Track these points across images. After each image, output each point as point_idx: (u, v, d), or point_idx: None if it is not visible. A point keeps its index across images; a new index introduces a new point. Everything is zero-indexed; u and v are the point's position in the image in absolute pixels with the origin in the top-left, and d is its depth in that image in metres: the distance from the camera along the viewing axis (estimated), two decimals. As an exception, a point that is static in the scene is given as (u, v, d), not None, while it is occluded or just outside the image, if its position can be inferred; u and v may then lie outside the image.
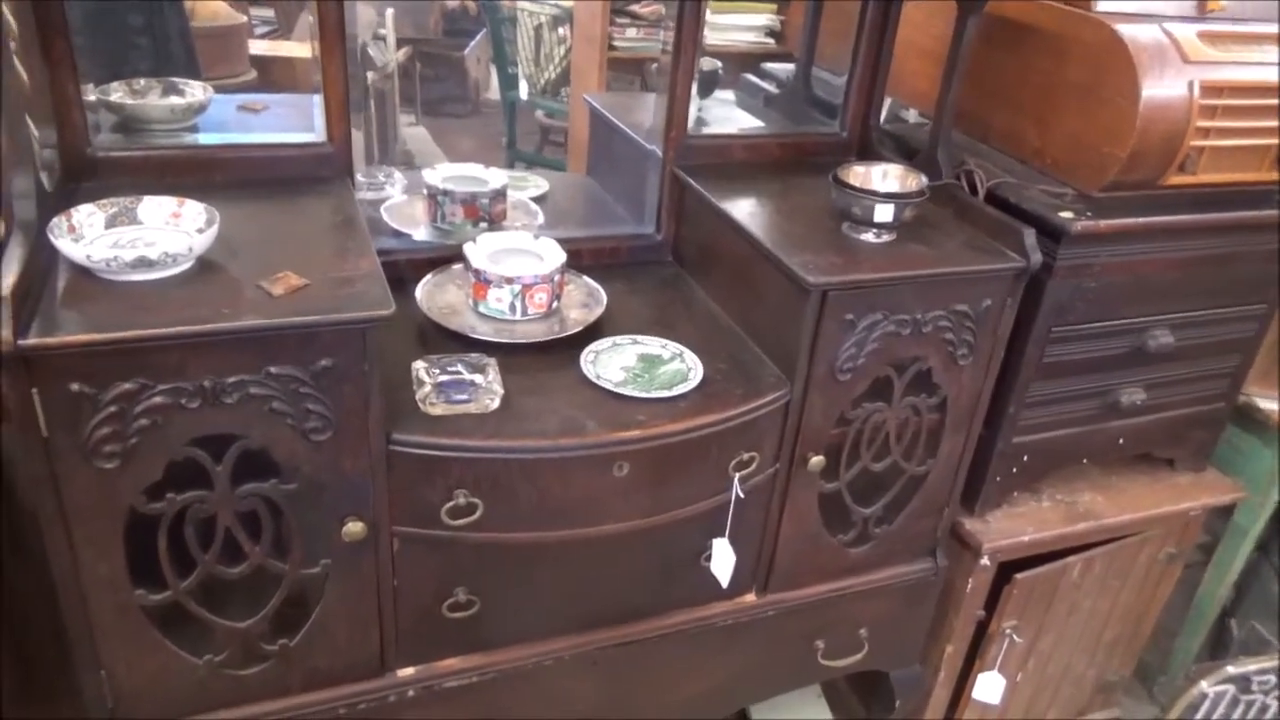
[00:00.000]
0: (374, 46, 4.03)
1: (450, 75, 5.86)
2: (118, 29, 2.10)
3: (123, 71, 2.05)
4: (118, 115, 1.61)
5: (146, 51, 2.15)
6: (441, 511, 1.28)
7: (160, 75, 2.20)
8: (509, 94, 4.62)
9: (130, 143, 1.49)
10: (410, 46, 4.78)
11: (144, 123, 1.61)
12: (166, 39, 2.20)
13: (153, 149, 1.47)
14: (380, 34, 4.26)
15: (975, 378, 1.59)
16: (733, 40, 3.66)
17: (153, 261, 1.13)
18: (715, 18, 3.81)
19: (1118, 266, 1.60)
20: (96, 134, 1.49)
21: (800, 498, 1.56)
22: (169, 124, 1.62)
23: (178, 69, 2.25)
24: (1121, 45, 1.42)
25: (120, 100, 1.61)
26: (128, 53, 2.11)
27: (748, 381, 1.45)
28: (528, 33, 4.54)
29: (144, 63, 2.13)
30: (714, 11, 3.85)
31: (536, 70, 4.58)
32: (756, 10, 3.58)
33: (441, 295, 1.55)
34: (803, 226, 1.55)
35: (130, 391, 1.08)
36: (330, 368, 1.16)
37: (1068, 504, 1.88)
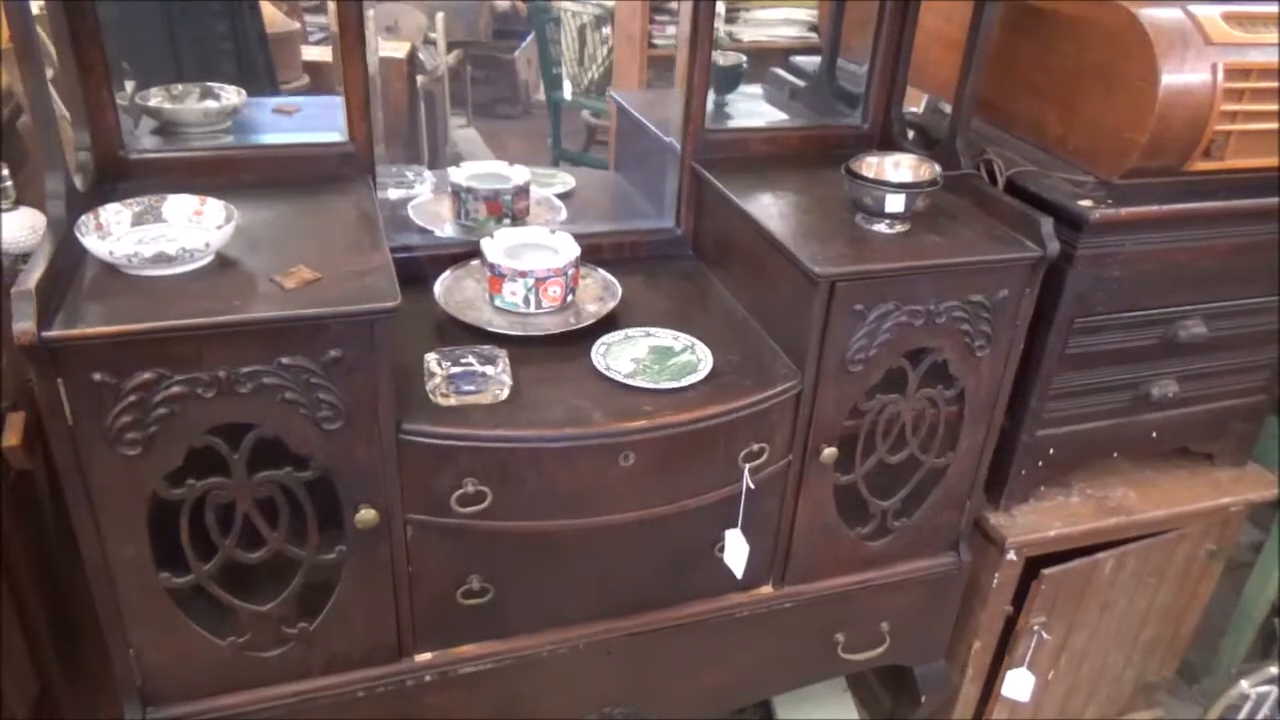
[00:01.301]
0: (424, 50, 4.10)
1: (501, 77, 5.93)
2: (205, 36, 2.19)
3: (208, 76, 2.15)
4: (156, 119, 1.68)
5: (230, 56, 2.24)
6: (451, 500, 1.31)
7: (242, 79, 2.29)
8: (553, 94, 4.67)
9: (164, 145, 1.56)
10: (461, 49, 4.85)
11: (181, 126, 1.67)
12: (248, 44, 2.28)
13: (183, 150, 1.53)
14: (431, 37, 4.33)
15: (994, 369, 1.57)
16: (776, 35, 3.65)
17: (171, 257, 1.18)
18: (758, 13, 3.80)
19: (1144, 255, 1.57)
20: (137, 137, 1.57)
21: (815, 489, 1.56)
22: (204, 127, 1.68)
23: (258, 73, 2.34)
24: (1140, 28, 1.39)
25: (159, 105, 1.68)
26: (215, 58, 2.21)
27: (758, 373, 1.46)
28: (571, 33, 4.58)
29: (228, 67, 2.22)
30: (757, 7, 3.85)
31: (580, 70, 4.62)
32: (799, 4, 3.57)
33: (460, 290, 1.59)
34: (817, 218, 1.55)
35: (149, 381, 1.13)
36: (340, 359, 1.20)
37: (1098, 499, 1.84)
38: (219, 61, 2.26)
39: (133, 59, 2.12)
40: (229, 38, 2.26)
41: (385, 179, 1.92)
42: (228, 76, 2.27)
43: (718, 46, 1.76)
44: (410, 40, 3.81)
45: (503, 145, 5.15)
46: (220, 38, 2.24)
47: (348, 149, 1.56)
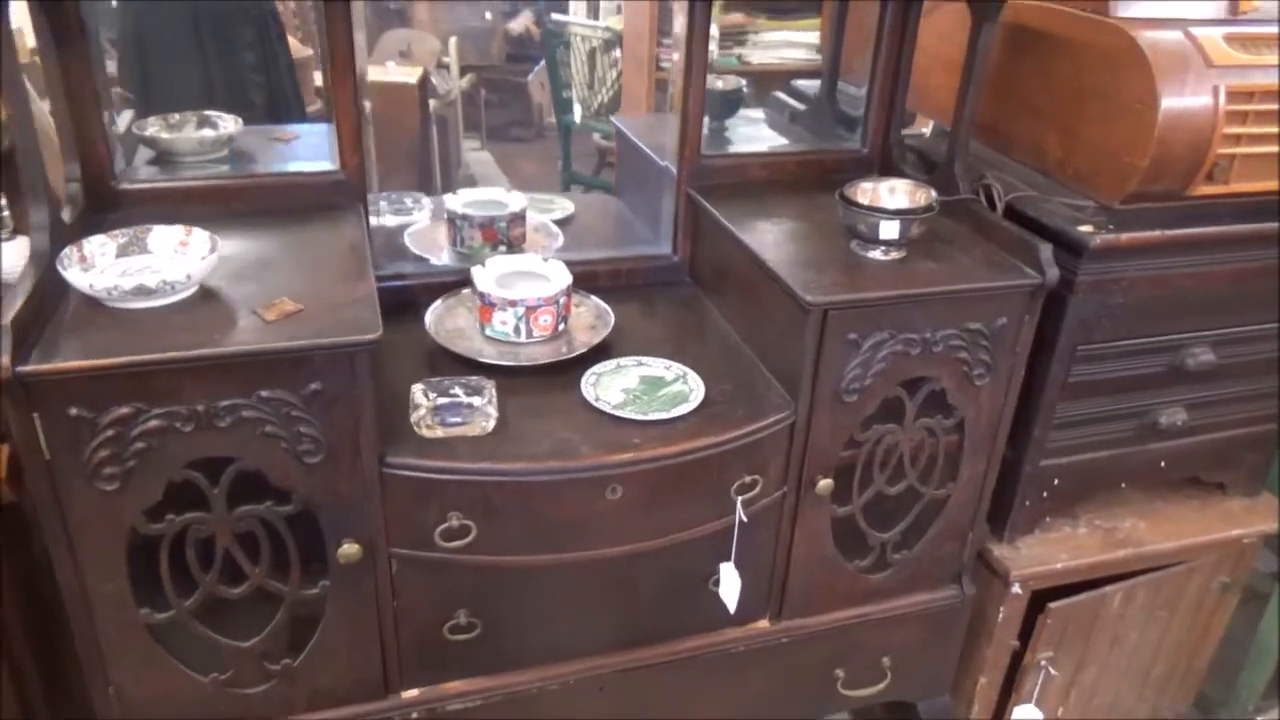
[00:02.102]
0: (437, 75, 4.12)
1: (515, 100, 5.96)
2: (237, 67, 2.21)
3: (240, 106, 2.17)
4: (153, 149, 1.68)
5: (261, 88, 2.26)
6: (435, 534, 1.29)
7: (272, 109, 2.29)
8: (564, 118, 4.68)
9: (159, 175, 1.55)
10: (475, 73, 4.88)
11: (177, 155, 1.67)
12: (279, 75, 2.33)
13: (173, 180, 1.52)
14: (444, 62, 4.36)
15: (994, 398, 1.53)
16: (784, 58, 3.65)
17: (151, 289, 1.17)
18: (766, 35, 3.80)
19: (1148, 281, 1.53)
20: (134, 168, 1.57)
21: (811, 522, 1.53)
22: (200, 155, 1.68)
23: (288, 100, 2.35)
24: (1138, 51, 1.36)
25: (155, 134, 1.69)
26: (246, 89, 2.23)
27: (751, 403, 1.43)
28: (581, 57, 4.60)
29: (258, 96, 2.24)
30: (766, 29, 3.85)
31: (590, 94, 4.63)
32: (806, 27, 3.56)
33: (452, 319, 1.57)
34: (812, 245, 1.52)
35: (126, 415, 1.12)
36: (321, 391, 1.18)
37: (1106, 530, 1.80)
38: (249, 92, 2.27)
39: (164, 92, 2.14)
40: (259, 69, 2.27)
41: (384, 206, 1.92)
42: (258, 106, 2.28)
43: (713, 70, 1.75)
44: (423, 65, 3.84)
45: (516, 168, 5.17)
46: (250, 69, 2.25)
47: (339, 177, 1.55)
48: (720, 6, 3.84)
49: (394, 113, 3.03)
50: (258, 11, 2.35)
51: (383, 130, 2.95)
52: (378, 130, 2.95)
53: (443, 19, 5.08)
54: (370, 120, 1.60)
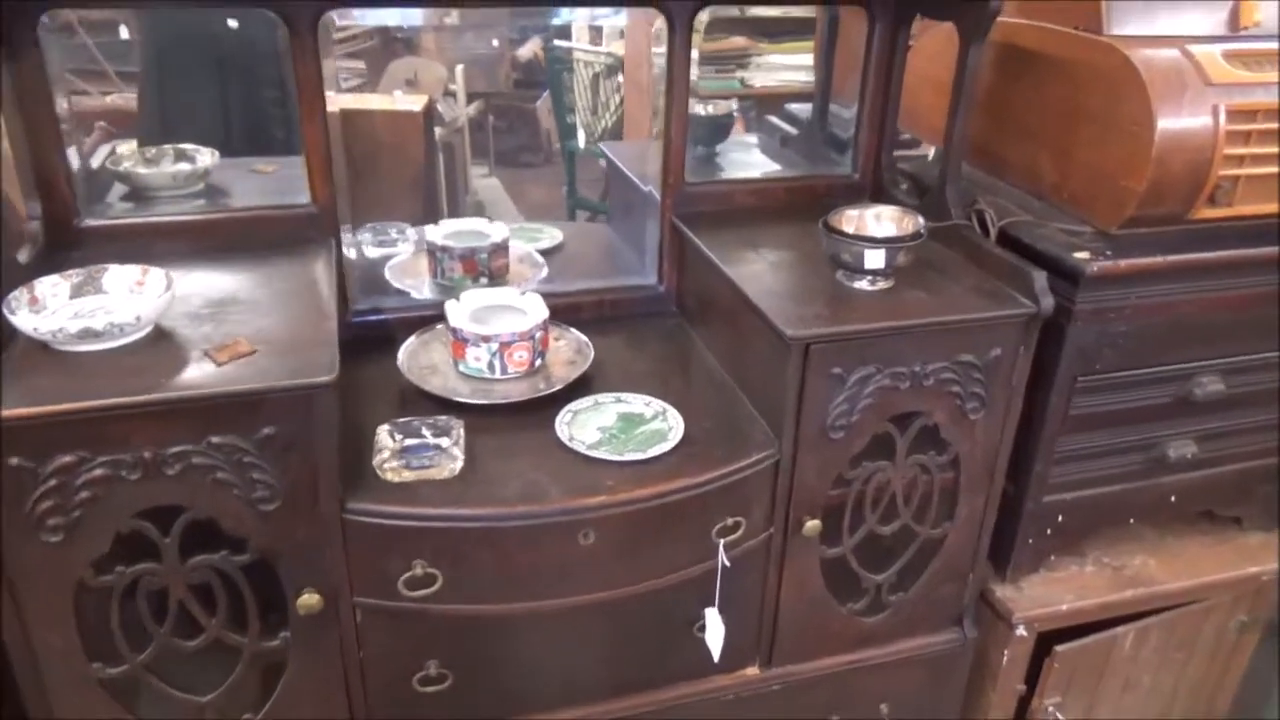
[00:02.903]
0: (443, 102, 4.11)
1: (523, 126, 5.96)
2: (255, 102, 2.17)
3: (261, 140, 2.13)
4: (126, 184, 1.65)
5: (280, 120, 2.21)
6: (399, 583, 1.23)
7: (292, 142, 2.24)
8: (568, 143, 4.66)
9: (121, 212, 1.52)
10: (482, 100, 4.87)
11: (150, 190, 1.64)
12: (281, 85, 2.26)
13: (139, 217, 1.49)
14: (451, 89, 4.34)
15: (990, 433, 1.46)
16: (787, 80, 3.61)
17: (99, 332, 1.13)
18: (770, 58, 3.76)
19: (1152, 308, 1.46)
20: (108, 204, 1.54)
21: (799, 564, 1.46)
22: (173, 190, 1.65)
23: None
24: (1133, 70, 1.30)
25: (129, 169, 1.66)
26: (267, 124, 2.18)
27: (732, 441, 1.37)
28: (584, 82, 4.58)
29: (279, 130, 2.19)
30: (770, 52, 3.81)
31: (594, 119, 4.61)
32: (808, 49, 3.52)
33: (426, 354, 1.53)
34: (797, 276, 1.47)
35: (70, 464, 1.07)
36: (274, 436, 1.13)
37: (1115, 568, 1.71)
38: (271, 126, 2.21)
39: (183, 126, 2.10)
40: (279, 103, 2.22)
41: (368, 237, 1.88)
42: (279, 140, 2.22)
43: (699, 93, 1.71)
44: (429, 94, 3.82)
45: (524, 193, 5.15)
46: (272, 103, 2.21)
47: (310, 211, 1.51)
48: (718, 30, 3.82)
49: (398, 141, 3.01)
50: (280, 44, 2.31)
51: (387, 159, 2.93)
52: (382, 160, 2.93)
53: (450, 47, 5.07)
54: (339, 151, 1.56)
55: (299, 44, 1.39)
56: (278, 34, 1.39)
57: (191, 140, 1.77)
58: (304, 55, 1.40)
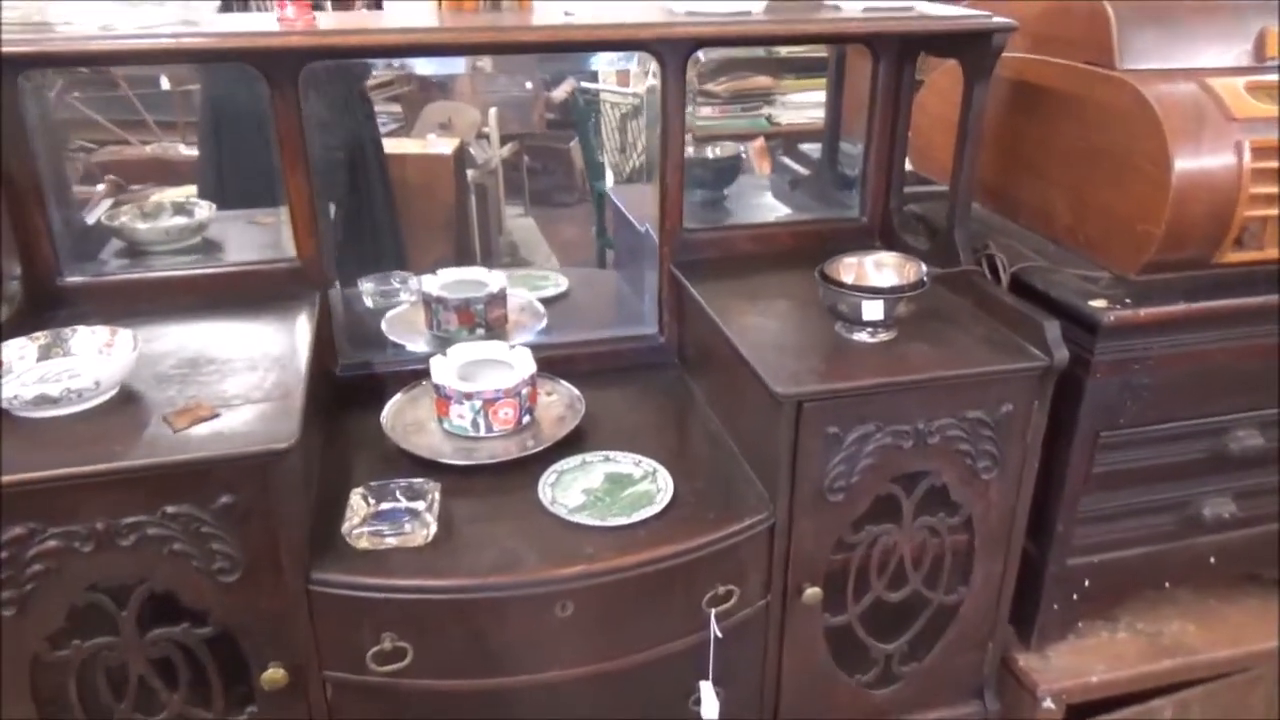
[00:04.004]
0: (476, 145, 4.13)
1: (558, 166, 5.99)
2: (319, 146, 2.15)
3: (326, 185, 2.11)
4: (120, 239, 1.64)
5: (343, 164, 2.21)
6: (367, 657, 1.17)
7: (358, 185, 2.23)
8: (596, 184, 4.65)
9: (104, 269, 1.50)
10: (517, 141, 4.90)
11: (144, 245, 1.63)
12: (363, 151, 2.28)
13: (122, 274, 1.47)
14: (484, 132, 4.37)
15: (1005, 493, 1.37)
16: (813, 117, 3.55)
17: (54, 399, 1.09)
18: (792, 96, 3.72)
19: (1178, 358, 1.36)
20: (102, 261, 1.53)
21: (801, 634, 1.37)
22: (167, 244, 1.63)
23: (374, 177, 2.29)
24: (1146, 106, 1.22)
25: (122, 224, 1.64)
26: (331, 168, 2.15)
27: (724, 504, 1.30)
28: (612, 122, 4.57)
29: (342, 174, 2.20)
30: (793, 90, 3.77)
31: (622, 158, 4.59)
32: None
33: (413, 411, 1.48)
34: (795, 327, 1.39)
35: (21, 536, 1.04)
36: (232, 505, 1.09)
37: (1151, 635, 1.59)
38: (333, 171, 2.18)
39: (240, 177, 2.07)
40: (341, 147, 2.22)
41: (370, 287, 1.84)
42: (342, 185, 2.18)
43: (704, 133, 1.65)
44: (462, 136, 3.84)
45: (558, 233, 5.15)
46: (333, 148, 2.18)
47: (295, 266, 1.48)
48: (745, 68, 3.78)
49: (429, 184, 3.01)
50: (345, 91, 2.29)
51: (419, 202, 2.92)
52: (413, 202, 2.91)
53: (483, 90, 5.12)
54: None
55: (279, 98, 1.37)
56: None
57: (247, 188, 1.78)
58: (285, 109, 1.38)
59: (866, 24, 1.37)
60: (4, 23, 1.10)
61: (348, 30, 1.29)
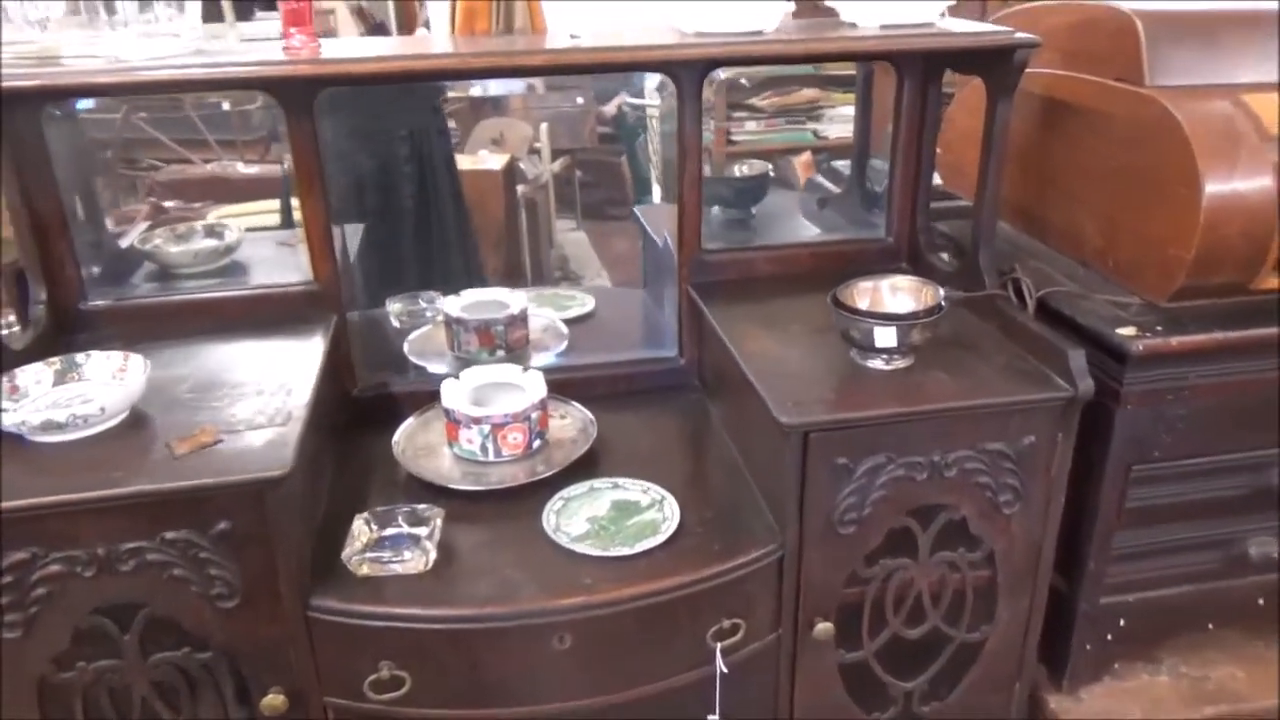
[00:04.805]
0: (527, 160, 4.16)
1: (610, 180, 6.00)
2: (388, 162, 2.18)
3: (392, 201, 2.12)
4: (151, 262, 1.67)
5: (411, 178, 2.23)
6: (364, 685, 1.17)
7: (425, 200, 2.23)
8: (643, 198, 4.65)
9: (132, 292, 1.53)
10: (568, 156, 4.93)
11: (174, 268, 1.66)
12: (433, 165, 2.28)
13: (144, 299, 1.50)
14: (535, 147, 4.40)
15: (1029, 528, 1.31)
16: (856, 131, 3.49)
17: (61, 424, 1.11)
18: (841, 109, 3.67)
19: (1216, 389, 1.29)
20: (133, 284, 1.58)
21: (814, 670, 1.33)
22: (194, 267, 1.66)
23: (443, 193, 2.31)
24: (1175, 125, 1.15)
25: (154, 248, 1.68)
26: (398, 182, 2.19)
27: (731, 535, 1.26)
28: (657, 137, 4.57)
29: (409, 188, 2.22)
30: (841, 104, 3.72)
31: (667, 172, 4.59)
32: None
33: (425, 434, 1.48)
34: (809, 354, 1.35)
35: (24, 561, 1.06)
36: (229, 531, 1.09)
37: (1195, 680, 1.51)
38: (401, 185, 2.20)
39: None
40: (410, 160, 2.24)
41: (398, 308, 1.86)
42: (409, 199, 2.20)
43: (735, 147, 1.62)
44: (514, 151, 3.87)
45: (609, 246, 5.15)
46: (402, 160, 2.22)
47: (313, 289, 1.49)
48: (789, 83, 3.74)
49: (480, 200, 3.04)
50: (419, 105, 2.30)
51: (470, 217, 2.93)
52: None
53: (535, 106, 5.15)
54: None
55: (295, 125, 1.38)
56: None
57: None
58: (300, 135, 1.39)
59: (883, 42, 1.33)
60: (17, 56, 1.13)
61: (357, 59, 1.29)
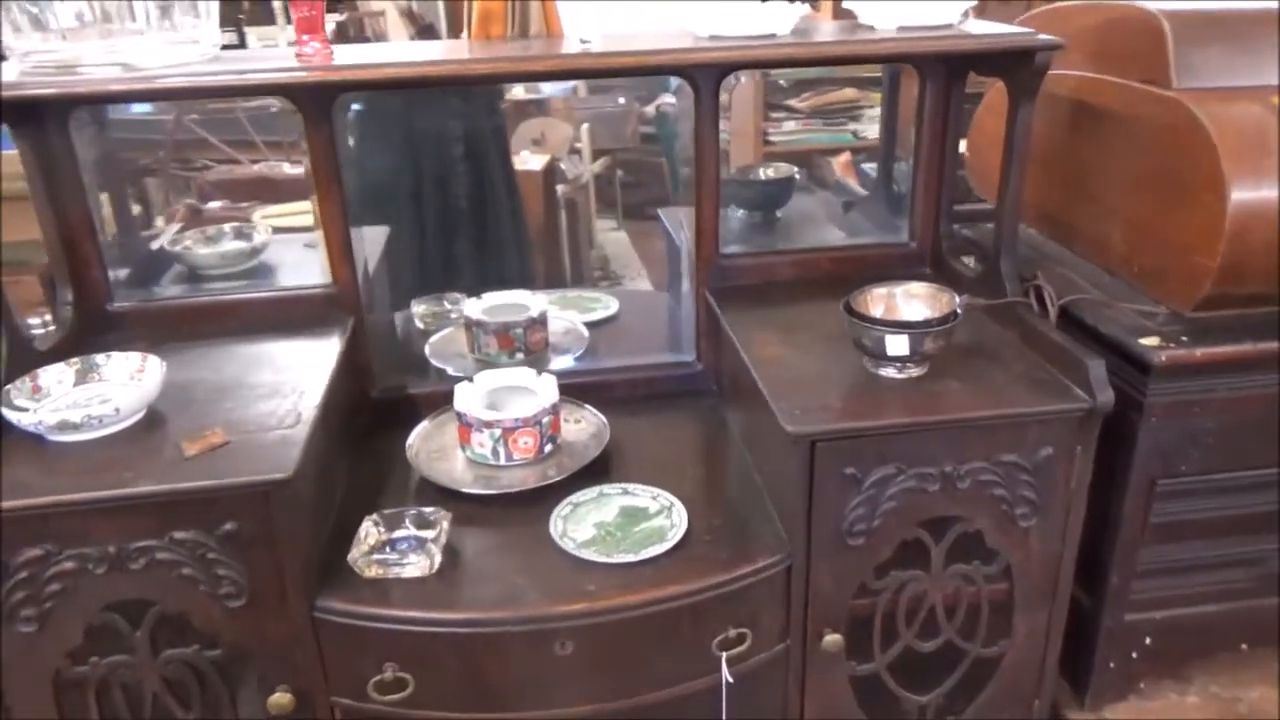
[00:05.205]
0: (568, 160, 4.17)
1: (652, 180, 5.99)
2: (443, 158, 2.20)
3: (446, 194, 2.15)
4: (180, 264, 1.71)
5: (466, 178, 2.25)
6: (368, 686, 1.18)
7: (480, 194, 2.25)
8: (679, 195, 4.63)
9: (159, 294, 1.56)
10: (610, 156, 4.93)
11: (202, 269, 1.69)
12: (486, 161, 2.29)
13: (167, 301, 1.53)
14: (576, 147, 4.41)
15: (1048, 542, 1.27)
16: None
17: (76, 424, 1.14)
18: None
19: (1246, 402, 1.24)
20: (162, 284, 1.61)
21: (824, 681, 1.31)
22: (223, 269, 1.69)
23: (499, 187, 2.32)
24: (1200, 128, 1.11)
25: (183, 250, 1.71)
26: (450, 178, 2.21)
27: (739, 543, 1.25)
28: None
29: (463, 183, 2.24)
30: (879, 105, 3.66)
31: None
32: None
33: (440, 436, 1.48)
34: (823, 361, 1.33)
35: (38, 557, 1.08)
36: (236, 532, 1.11)
37: (1226, 701, 1.45)
38: (453, 181, 2.22)
39: (378, 192, 2.12)
40: (465, 159, 2.24)
41: (421, 310, 1.87)
42: (464, 194, 2.22)
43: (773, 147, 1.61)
44: (555, 152, 3.89)
45: (650, 246, 5.14)
46: (457, 159, 2.23)
47: (331, 292, 1.51)
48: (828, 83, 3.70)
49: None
50: (475, 107, 2.30)
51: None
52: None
53: (577, 106, 5.17)
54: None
55: (313, 130, 1.40)
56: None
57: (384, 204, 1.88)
58: (318, 139, 1.41)
59: (899, 45, 1.30)
60: (38, 65, 1.15)
61: (371, 64, 1.30)
